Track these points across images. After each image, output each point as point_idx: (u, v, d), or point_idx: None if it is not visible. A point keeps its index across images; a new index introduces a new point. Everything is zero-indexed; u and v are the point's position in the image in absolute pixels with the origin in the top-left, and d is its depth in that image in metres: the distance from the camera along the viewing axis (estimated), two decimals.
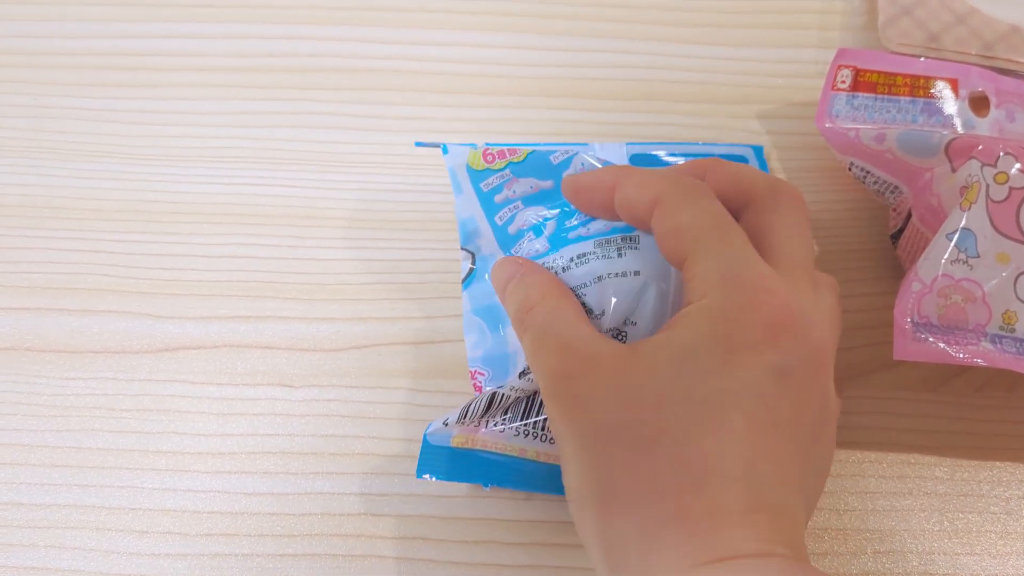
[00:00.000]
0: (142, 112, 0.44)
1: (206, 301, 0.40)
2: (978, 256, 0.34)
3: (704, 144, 0.41)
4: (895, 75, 0.42)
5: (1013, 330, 0.34)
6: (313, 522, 0.36)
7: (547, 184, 0.36)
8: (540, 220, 0.35)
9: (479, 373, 0.36)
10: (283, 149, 0.43)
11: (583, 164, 0.36)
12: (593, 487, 0.27)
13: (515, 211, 0.36)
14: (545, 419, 0.34)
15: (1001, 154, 0.35)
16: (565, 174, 0.35)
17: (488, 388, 0.34)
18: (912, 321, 0.34)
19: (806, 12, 0.47)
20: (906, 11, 0.44)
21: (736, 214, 0.31)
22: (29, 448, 0.37)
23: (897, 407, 0.39)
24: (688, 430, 0.26)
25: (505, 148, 0.37)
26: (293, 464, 0.37)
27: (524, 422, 0.34)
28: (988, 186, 0.35)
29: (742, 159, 0.41)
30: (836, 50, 0.42)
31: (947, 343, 0.33)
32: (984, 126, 0.41)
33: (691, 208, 0.29)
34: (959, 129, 0.41)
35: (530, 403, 0.34)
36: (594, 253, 0.33)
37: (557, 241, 0.34)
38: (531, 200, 0.36)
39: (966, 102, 0.42)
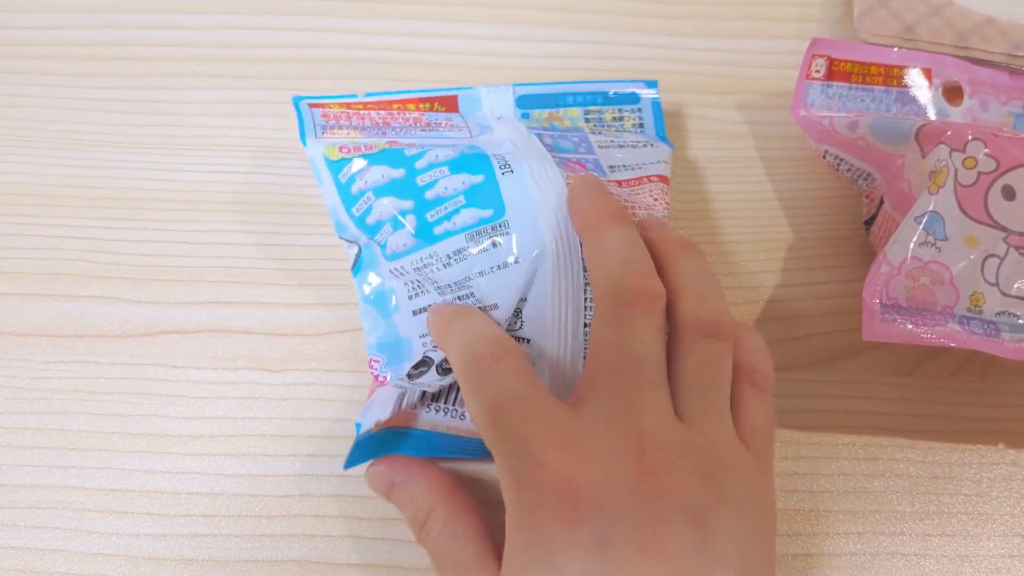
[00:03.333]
0: (126, 101, 0.45)
1: (188, 287, 0.41)
2: (946, 239, 0.35)
3: (597, 83, 0.42)
4: (869, 65, 0.42)
5: (981, 312, 0.34)
6: (292, 503, 0.37)
7: (398, 173, 0.36)
8: (396, 212, 0.35)
9: (375, 360, 0.37)
10: (266, 137, 0.44)
11: (436, 156, 0.36)
12: None
13: (369, 203, 0.36)
14: (456, 397, 0.35)
15: (969, 139, 0.35)
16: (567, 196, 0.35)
17: (414, 387, 0.34)
18: (880, 303, 0.34)
19: (786, 4, 0.48)
20: (882, 2, 0.44)
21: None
22: (10, 430, 0.38)
23: (871, 391, 0.39)
24: None
25: (362, 144, 0.37)
26: (272, 446, 0.38)
27: (436, 404, 0.35)
28: (956, 171, 0.35)
29: (634, 96, 0.42)
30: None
31: (915, 324, 0.34)
32: (957, 115, 0.42)
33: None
34: (932, 118, 0.42)
35: (446, 391, 0.35)
36: (468, 249, 0.34)
37: (424, 236, 0.35)
38: (382, 191, 0.36)
39: (940, 91, 0.42)
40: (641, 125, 0.42)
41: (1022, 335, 0.34)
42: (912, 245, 0.35)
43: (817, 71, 0.42)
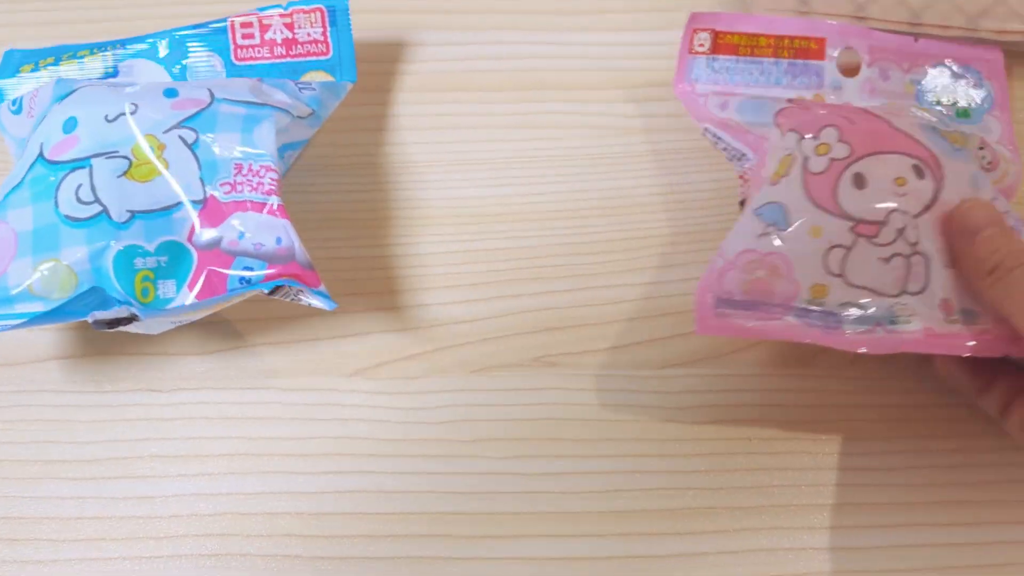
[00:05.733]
0: None
1: None
2: (788, 229, 0.33)
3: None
4: (758, 36, 0.40)
5: (822, 303, 0.33)
6: (179, 524, 0.37)
7: None
8: None
9: None
10: None
11: None
12: None
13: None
14: None
15: (823, 125, 0.34)
16: None
17: None
18: (715, 297, 0.33)
19: None
20: None
21: None
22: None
23: (770, 383, 0.38)
24: None
25: None
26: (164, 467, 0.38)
27: None
28: (806, 158, 0.33)
29: None
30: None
31: (747, 318, 0.32)
32: (854, 86, 0.40)
33: None
34: (827, 89, 0.40)
35: None
36: None
37: None
38: None
39: (835, 62, 0.40)
40: None
41: (867, 326, 0.32)
42: (748, 237, 0.33)
43: (700, 45, 0.40)
